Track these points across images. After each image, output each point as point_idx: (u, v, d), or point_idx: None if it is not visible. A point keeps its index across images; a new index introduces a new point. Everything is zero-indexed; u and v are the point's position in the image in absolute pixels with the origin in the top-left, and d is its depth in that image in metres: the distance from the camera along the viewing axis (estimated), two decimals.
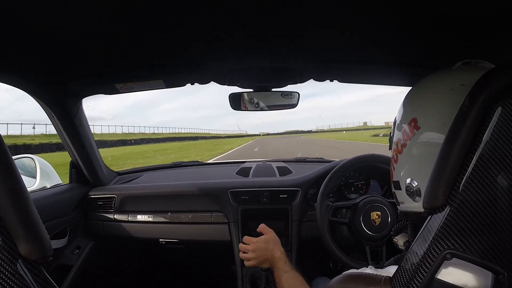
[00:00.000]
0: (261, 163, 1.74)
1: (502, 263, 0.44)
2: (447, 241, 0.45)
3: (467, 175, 0.44)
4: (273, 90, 1.17)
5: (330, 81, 1.14)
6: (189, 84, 1.14)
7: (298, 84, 1.15)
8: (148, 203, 1.42)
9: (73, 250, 1.36)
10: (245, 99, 1.17)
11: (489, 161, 0.44)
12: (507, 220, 0.43)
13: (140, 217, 1.40)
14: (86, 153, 1.35)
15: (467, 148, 0.45)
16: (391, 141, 0.67)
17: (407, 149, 0.60)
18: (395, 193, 0.65)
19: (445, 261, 0.45)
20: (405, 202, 0.62)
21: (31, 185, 1.34)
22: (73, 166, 1.42)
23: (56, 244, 1.26)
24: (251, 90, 1.16)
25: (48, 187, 1.38)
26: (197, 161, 2.02)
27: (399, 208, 0.65)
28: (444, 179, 0.46)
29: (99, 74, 1.05)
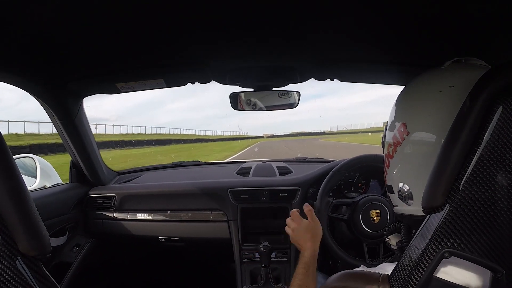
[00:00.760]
0: (261, 163, 1.74)
1: (500, 261, 0.44)
2: (446, 239, 0.45)
3: (467, 175, 0.44)
4: (274, 89, 1.16)
5: (331, 80, 1.13)
6: (190, 83, 1.14)
7: (299, 83, 1.15)
8: (148, 202, 1.43)
9: (73, 248, 1.37)
10: (242, 99, 1.16)
11: (489, 161, 0.43)
12: (506, 219, 0.43)
13: (140, 216, 1.40)
14: (87, 153, 1.36)
15: (467, 149, 0.45)
16: (383, 144, 0.66)
17: (397, 154, 0.60)
18: (389, 196, 0.66)
19: (443, 259, 0.45)
20: (398, 205, 0.62)
21: (32, 184, 1.34)
22: (73, 165, 1.43)
23: (56, 242, 1.27)
24: (252, 90, 1.16)
25: (48, 187, 1.38)
26: (197, 161, 2.02)
27: (395, 211, 0.66)
28: (444, 179, 0.46)
29: (100, 74, 1.05)
